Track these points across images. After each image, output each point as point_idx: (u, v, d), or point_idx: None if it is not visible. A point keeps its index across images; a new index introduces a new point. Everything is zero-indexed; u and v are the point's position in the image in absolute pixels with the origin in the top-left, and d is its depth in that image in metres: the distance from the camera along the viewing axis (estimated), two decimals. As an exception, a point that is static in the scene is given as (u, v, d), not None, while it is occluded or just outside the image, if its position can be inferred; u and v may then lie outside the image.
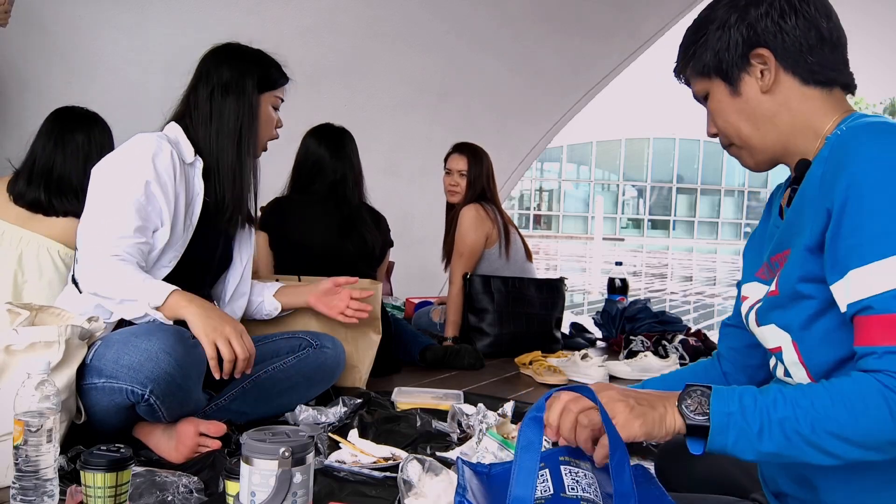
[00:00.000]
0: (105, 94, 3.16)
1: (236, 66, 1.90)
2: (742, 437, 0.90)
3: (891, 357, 0.86)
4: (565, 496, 0.91)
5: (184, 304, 1.64)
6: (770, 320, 1.02)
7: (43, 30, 3.01)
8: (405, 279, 4.17)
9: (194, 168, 1.87)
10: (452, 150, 3.42)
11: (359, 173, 2.83)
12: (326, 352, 2.08)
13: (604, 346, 3.61)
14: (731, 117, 1.06)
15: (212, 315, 1.66)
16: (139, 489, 1.31)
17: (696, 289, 8.17)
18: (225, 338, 1.63)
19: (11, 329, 1.52)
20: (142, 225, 1.72)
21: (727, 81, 1.05)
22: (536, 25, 4.68)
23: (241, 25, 3.39)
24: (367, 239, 2.76)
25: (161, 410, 1.58)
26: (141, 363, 1.54)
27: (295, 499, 1.01)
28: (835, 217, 0.91)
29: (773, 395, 0.91)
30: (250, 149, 1.91)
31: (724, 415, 0.91)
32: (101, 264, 1.67)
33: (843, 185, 0.90)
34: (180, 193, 1.80)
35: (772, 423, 0.89)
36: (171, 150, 1.79)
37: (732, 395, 0.92)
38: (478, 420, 1.83)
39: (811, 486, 1.00)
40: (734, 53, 1.03)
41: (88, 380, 1.58)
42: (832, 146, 0.96)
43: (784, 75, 1.02)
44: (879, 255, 0.87)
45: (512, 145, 5.46)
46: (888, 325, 0.86)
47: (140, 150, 1.76)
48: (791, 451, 0.89)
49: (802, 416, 0.88)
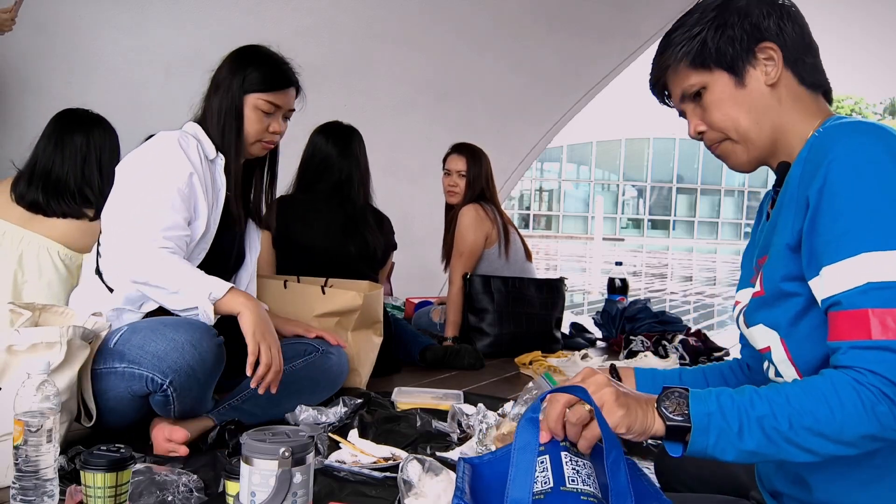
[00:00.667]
0: (105, 95, 3.16)
1: (233, 65, 1.90)
2: (723, 437, 0.90)
3: (855, 353, 0.88)
4: (565, 489, 0.91)
5: (242, 301, 1.66)
6: (757, 320, 1.03)
7: (43, 30, 3.02)
8: (405, 279, 4.17)
9: (216, 164, 1.88)
10: (451, 151, 3.41)
11: (365, 174, 2.80)
12: (332, 357, 2.10)
13: (604, 346, 3.61)
14: (731, 110, 1.06)
15: (265, 318, 1.68)
16: (139, 488, 1.31)
17: (696, 289, 8.18)
18: (268, 344, 1.65)
19: (13, 330, 1.52)
20: (188, 216, 1.74)
21: (732, 73, 1.05)
22: (536, 25, 4.68)
23: (241, 26, 3.39)
24: (368, 241, 2.74)
25: (174, 404, 1.59)
26: (166, 352, 1.56)
27: (295, 499, 1.02)
28: (810, 215, 0.93)
29: (749, 394, 0.92)
30: (235, 149, 1.89)
31: (704, 415, 0.91)
32: (152, 255, 1.66)
33: (819, 183, 0.92)
34: (209, 187, 1.82)
35: (751, 421, 0.90)
36: (196, 145, 1.81)
37: (710, 395, 0.93)
38: (478, 420, 1.83)
39: (805, 484, 1.01)
40: (740, 46, 1.04)
41: (109, 364, 1.60)
42: (810, 146, 0.99)
43: (786, 72, 1.04)
44: (850, 253, 0.89)
45: (512, 145, 5.46)
46: (853, 321, 0.88)
47: (172, 144, 1.78)
48: (771, 448, 0.90)
49: (780, 412, 0.89)
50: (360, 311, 2.41)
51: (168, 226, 1.69)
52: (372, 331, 2.51)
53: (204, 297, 1.63)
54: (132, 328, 1.63)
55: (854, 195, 0.90)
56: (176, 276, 1.65)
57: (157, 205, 1.71)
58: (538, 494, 0.90)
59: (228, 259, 2.01)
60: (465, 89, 4.77)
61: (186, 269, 1.67)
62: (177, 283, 1.65)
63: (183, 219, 1.72)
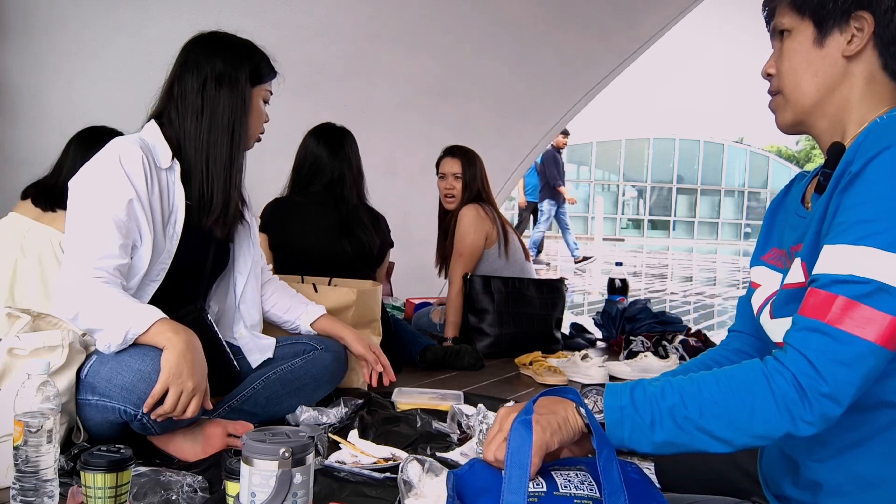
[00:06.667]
0: (105, 95, 3.16)
1: (229, 58, 1.82)
2: (636, 430, 0.92)
3: (801, 334, 0.88)
4: (558, 494, 0.92)
5: (168, 336, 1.53)
6: (790, 312, 1.00)
7: (43, 30, 3.01)
8: (405, 280, 4.17)
9: (172, 172, 1.77)
10: (444, 154, 3.39)
11: (358, 173, 2.82)
12: (331, 354, 2.09)
13: (604, 347, 3.61)
14: (800, 65, 1.03)
15: (187, 358, 1.52)
16: (143, 489, 1.31)
17: (696, 289, 8.17)
18: (180, 389, 1.51)
19: (14, 336, 1.52)
20: (124, 243, 1.64)
21: (818, 27, 1.01)
22: (536, 25, 4.67)
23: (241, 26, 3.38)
24: (363, 240, 2.75)
25: (154, 427, 1.57)
26: (133, 384, 1.52)
27: (295, 499, 1.01)
28: (841, 194, 0.91)
29: (661, 384, 0.93)
30: (242, 144, 1.84)
31: (616, 409, 0.93)
32: (82, 286, 1.57)
33: (858, 167, 0.90)
34: (156, 203, 1.72)
35: (662, 411, 0.91)
36: (143, 158, 1.69)
37: (624, 389, 0.94)
38: (478, 420, 1.83)
39: (817, 490, 1.00)
40: (839, 4, 0.99)
41: (82, 395, 1.57)
42: (869, 132, 0.95)
43: (871, 51, 1.00)
44: (853, 240, 0.88)
45: (512, 145, 5.45)
46: (820, 301, 0.88)
47: (113, 165, 1.66)
48: (684, 437, 0.91)
49: (690, 401, 0.90)
50: (354, 308, 2.41)
51: (103, 255, 1.60)
52: (370, 330, 2.51)
53: (121, 335, 1.53)
54: (100, 358, 1.57)
55: (886, 191, 0.88)
56: (101, 312, 1.56)
57: (92, 233, 1.62)
58: (532, 497, 0.91)
59: (202, 269, 1.90)
60: (465, 89, 4.77)
61: (112, 302, 1.56)
62: (101, 319, 1.55)
63: (119, 247, 1.62)
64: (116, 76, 3.29)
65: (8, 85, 3.01)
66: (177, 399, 1.51)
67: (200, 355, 1.58)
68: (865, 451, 0.94)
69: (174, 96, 1.82)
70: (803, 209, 1.07)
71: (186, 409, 1.53)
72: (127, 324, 1.53)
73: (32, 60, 3.05)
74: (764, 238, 1.17)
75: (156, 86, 1.85)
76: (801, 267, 0.99)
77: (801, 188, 1.11)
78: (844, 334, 0.86)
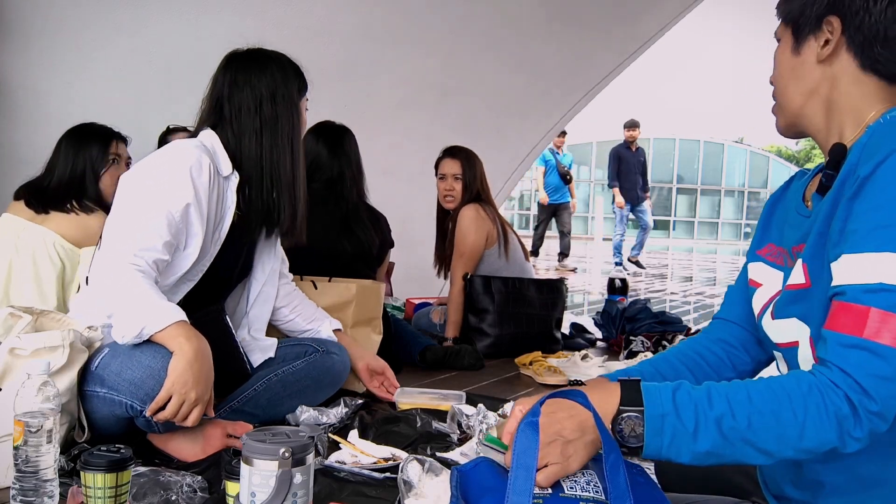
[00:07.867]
0: (105, 95, 3.16)
1: (279, 75, 1.86)
2: (677, 438, 0.88)
3: (839, 350, 0.86)
4: (564, 496, 0.92)
5: (180, 341, 1.54)
6: (793, 313, 0.99)
7: (43, 30, 3.01)
8: (405, 280, 4.17)
9: (229, 182, 1.82)
10: (443, 155, 3.38)
11: (358, 171, 2.81)
12: (334, 357, 2.09)
13: (604, 347, 3.61)
14: (785, 72, 1.05)
15: (194, 368, 1.53)
16: (143, 489, 1.31)
17: (696, 289, 8.16)
18: (183, 399, 1.52)
19: (15, 336, 1.52)
20: (170, 241, 1.67)
21: (795, 35, 1.03)
22: (536, 25, 4.67)
23: (241, 26, 3.39)
24: (363, 239, 2.75)
25: (157, 426, 1.59)
26: (142, 380, 1.54)
27: (295, 499, 1.01)
28: (850, 198, 0.90)
29: (706, 390, 0.89)
30: (301, 157, 1.90)
31: (657, 417, 0.89)
32: (117, 269, 1.60)
33: (868, 170, 0.89)
34: (211, 208, 1.76)
35: (708, 421, 0.87)
36: (209, 165, 1.73)
37: (665, 393, 0.90)
38: (478, 421, 1.84)
39: (817, 490, 0.99)
40: (812, 12, 1.00)
41: (91, 387, 1.58)
42: (872, 133, 0.94)
43: (845, 53, 0.99)
44: (874, 248, 0.86)
45: (512, 145, 5.45)
46: (852, 314, 0.86)
47: (181, 168, 1.69)
48: (726, 449, 0.88)
49: (739, 411, 0.87)
50: (354, 303, 2.41)
51: (147, 246, 1.63)
52: (371, 328, 2.51)
53: (137, 329, 1.54)
54: (112, 351, 1.59)
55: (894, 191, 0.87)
56: (122, 301, 1.57)
57: (143, 222, 1.65)
58: (537, 498, 0.90)
59: (230, 276, 1.97)
60: (465, 89, 4.76)
61: (138, 293, 1.57)
62: (121, 307, 1.57)
63: (164, 243, 1.65)
64: (116, 76, 3.29)
65: (8, 85, 3.01)
66: (178, 407, 1.53)
67: (208, 365, 1.58)
68: (867, 451, 0.93)
69: (226, 116, 1.84)
70: (805, 208, 1.06)
71: (187, 418, 1.55)
72: (145, 319, 1.55)
73: (32, 60, 3.05)
74: (761, 232, 1.16)
75: (156, 86, 1.85)
76: (802, 268, 0.98)
77: (801, 185, 1.10)
78: (885, 349, 0.84)
